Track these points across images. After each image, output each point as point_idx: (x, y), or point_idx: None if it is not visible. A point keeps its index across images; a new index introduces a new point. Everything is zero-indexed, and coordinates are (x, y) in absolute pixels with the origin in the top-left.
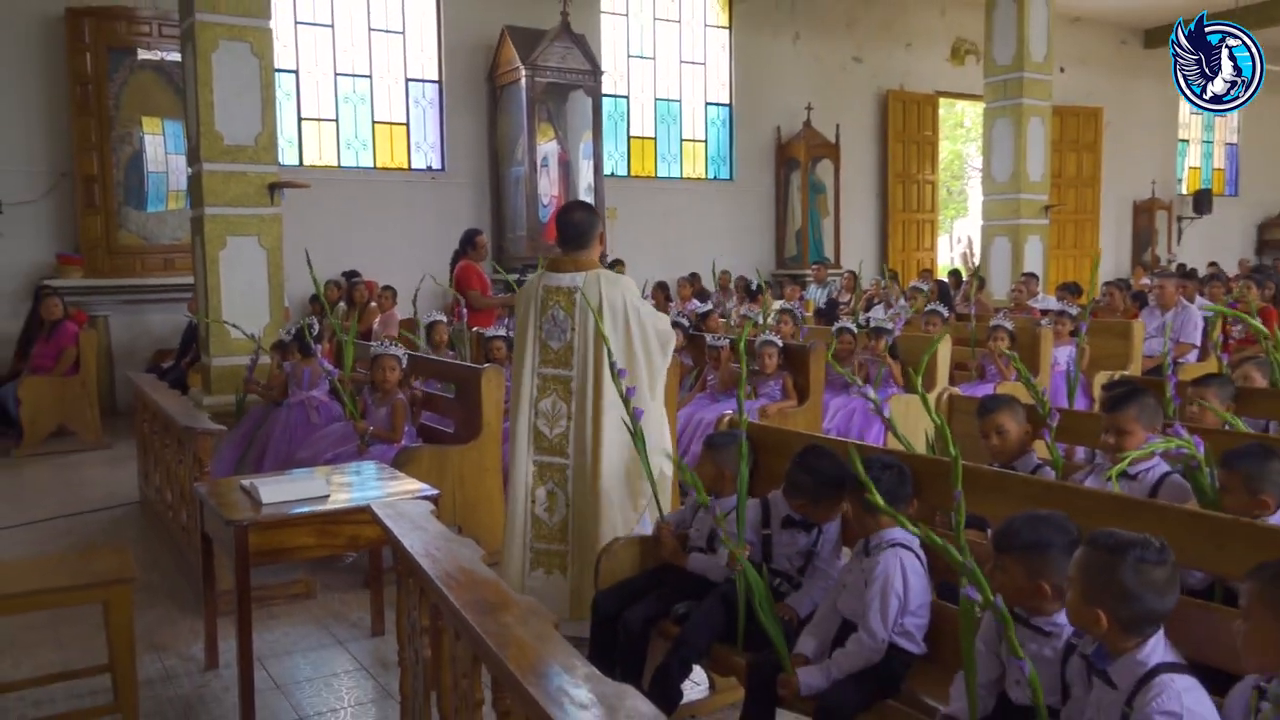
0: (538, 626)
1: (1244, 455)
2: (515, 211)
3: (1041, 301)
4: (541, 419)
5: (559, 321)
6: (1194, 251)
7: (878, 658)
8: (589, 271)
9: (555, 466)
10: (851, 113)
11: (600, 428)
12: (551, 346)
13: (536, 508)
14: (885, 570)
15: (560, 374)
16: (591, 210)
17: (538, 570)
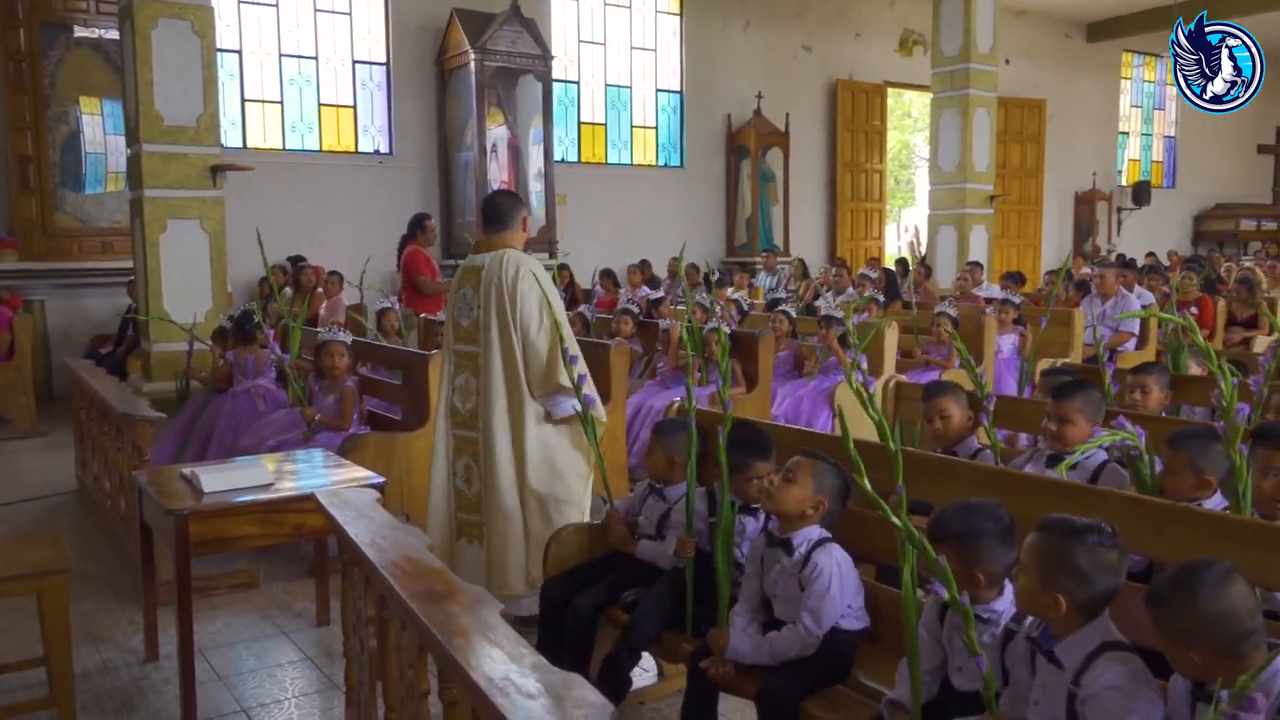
0: (484, 615)
1: (1189, 437)
2: (464, 197)
3: (986, 290)
4: (457, 394)
5: (468, 299)
6: (1133, 242)
7: (812, 651)
8: (499, 251)
9: (469, 440)
10: (801, 101)
11: (490, 405)
12: (462, 324)
13: (457, 480)
14: (821, 573)
15: (470, 350)
16: (514, 195)
17: (462, 540)
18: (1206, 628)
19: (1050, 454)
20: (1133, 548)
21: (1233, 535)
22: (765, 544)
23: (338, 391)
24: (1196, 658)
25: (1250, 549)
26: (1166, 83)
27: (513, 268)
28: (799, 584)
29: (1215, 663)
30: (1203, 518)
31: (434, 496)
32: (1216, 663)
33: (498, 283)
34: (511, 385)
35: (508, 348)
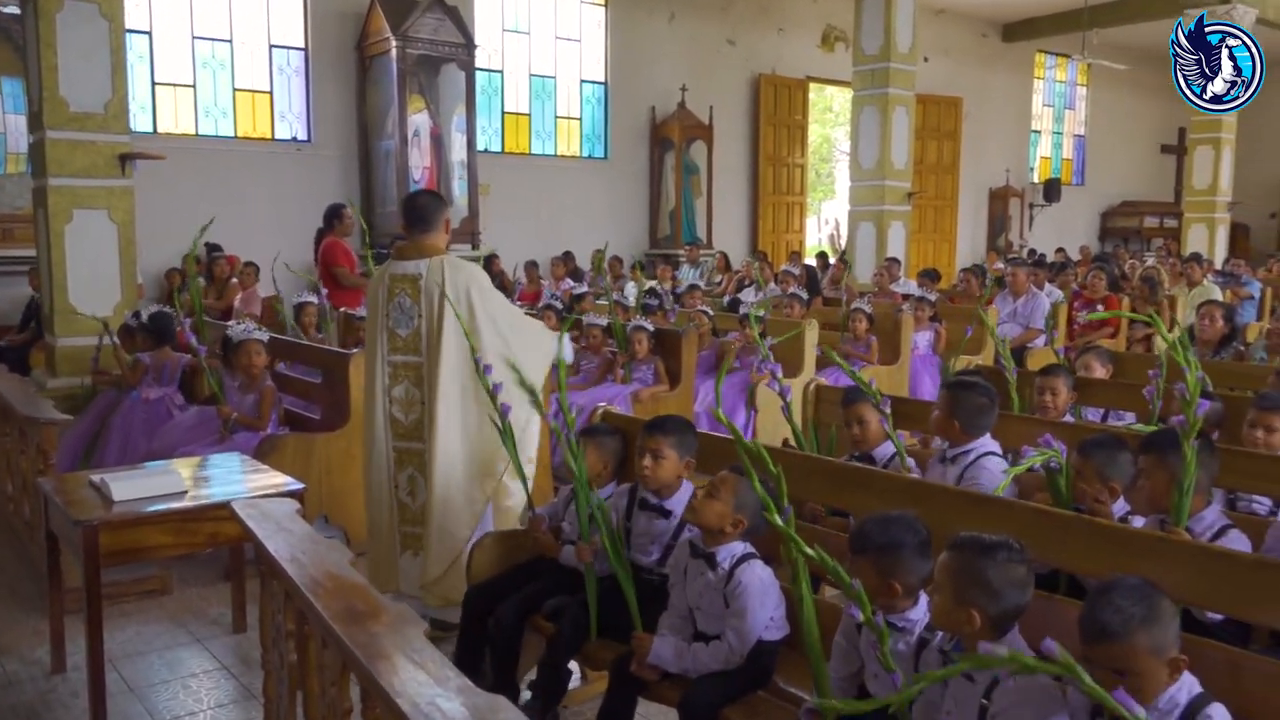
0: (409, 635)
1: (1098, 445)
2: (385, 186)
3: (903, 286)
4: (396, 406)
5: (406, 309)
6: (1044, 237)
7: (735, 666)
8: (434, 258)
9: (414, 451)
10: (725, 95)
11: (434, 414)
12: (399, 334)
13: (400, 493)
14: (745, 590)
15: (411, 360)
16: (437, 195)
17: (407, 552)
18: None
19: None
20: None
21: (1131, 546)
22: (689, 555)
23: (257, 391)
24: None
25: (1148, 559)
26: (1077, 83)
27: (463, 276)
28: (723, 599)
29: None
30: (1104, 529)
31: (375, 512)
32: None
33: (444, 292)
34: (464, 394)
35: (465, 357)
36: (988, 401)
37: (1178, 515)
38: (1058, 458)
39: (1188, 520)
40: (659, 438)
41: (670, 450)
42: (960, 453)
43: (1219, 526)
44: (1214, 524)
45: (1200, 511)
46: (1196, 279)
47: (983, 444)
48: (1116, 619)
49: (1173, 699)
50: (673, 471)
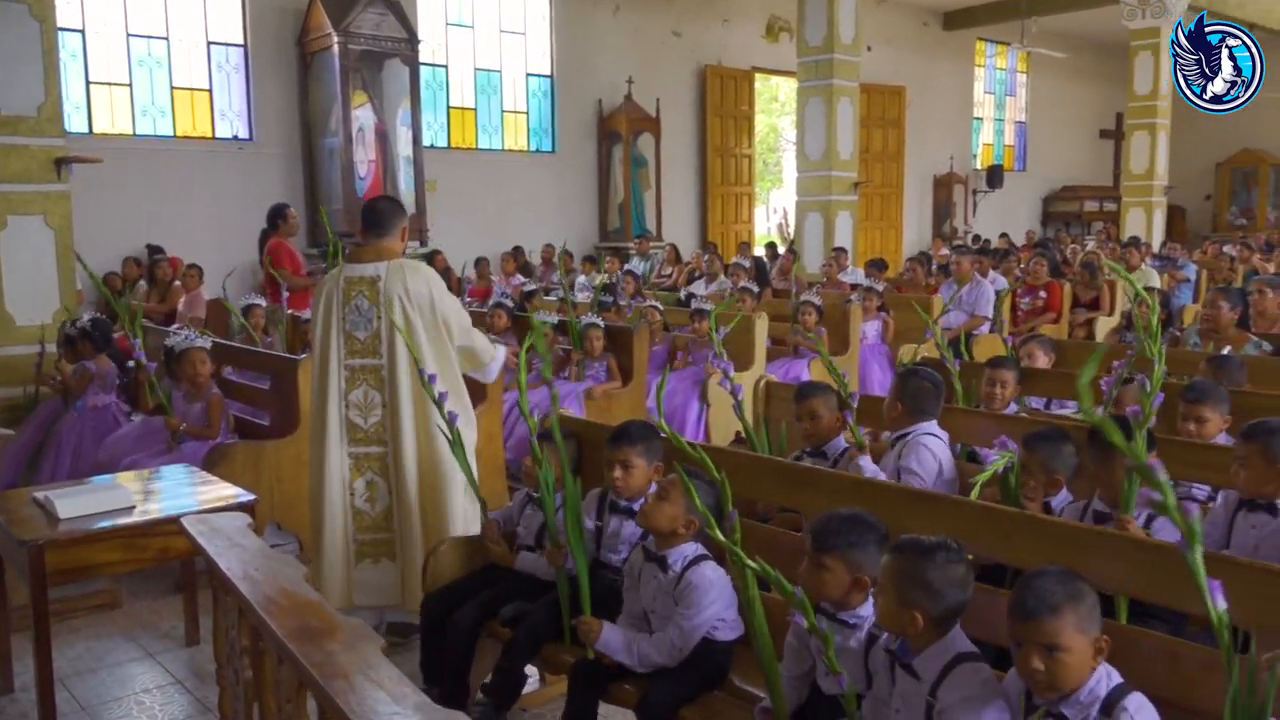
0: (365, 653)
1: (1042, 438)
2: (330, 184)
3: (851, 275)
4: (354, 410)
5: (364, 311)
6: (988, 223)
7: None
8: (393, 260)
9: (373, 456)
10: (671, 86)
11: (399, 416)
12: (358, 337)
13: (356, 500)
14: (694, 590)
15: (370, 363)
16: (396, 202)
17: (364, 561)
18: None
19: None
20: (984, 552)
21: (1072, 540)
22: (643, 559)
23: (203, 399)
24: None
25: (1088, 552)
26: (1018, 70)
27: (422, 279)
28: (674, 600)
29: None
30: (1047, 525)
31: (330, 521)
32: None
33: (403, 295)
34: (419, 397)
35: (425, 357)
36: (932, 386)
37: (1125, 504)
38: (1012, 457)
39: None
40: (626, 448)
41: (638, 459)
42: (902, 434)
43: (1148, 513)
44: (1147, 509)
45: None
46: (1135, 263)
47: (925, 426)
48: (1047, 596)
49: (1093, 691)
50: (643, 478)
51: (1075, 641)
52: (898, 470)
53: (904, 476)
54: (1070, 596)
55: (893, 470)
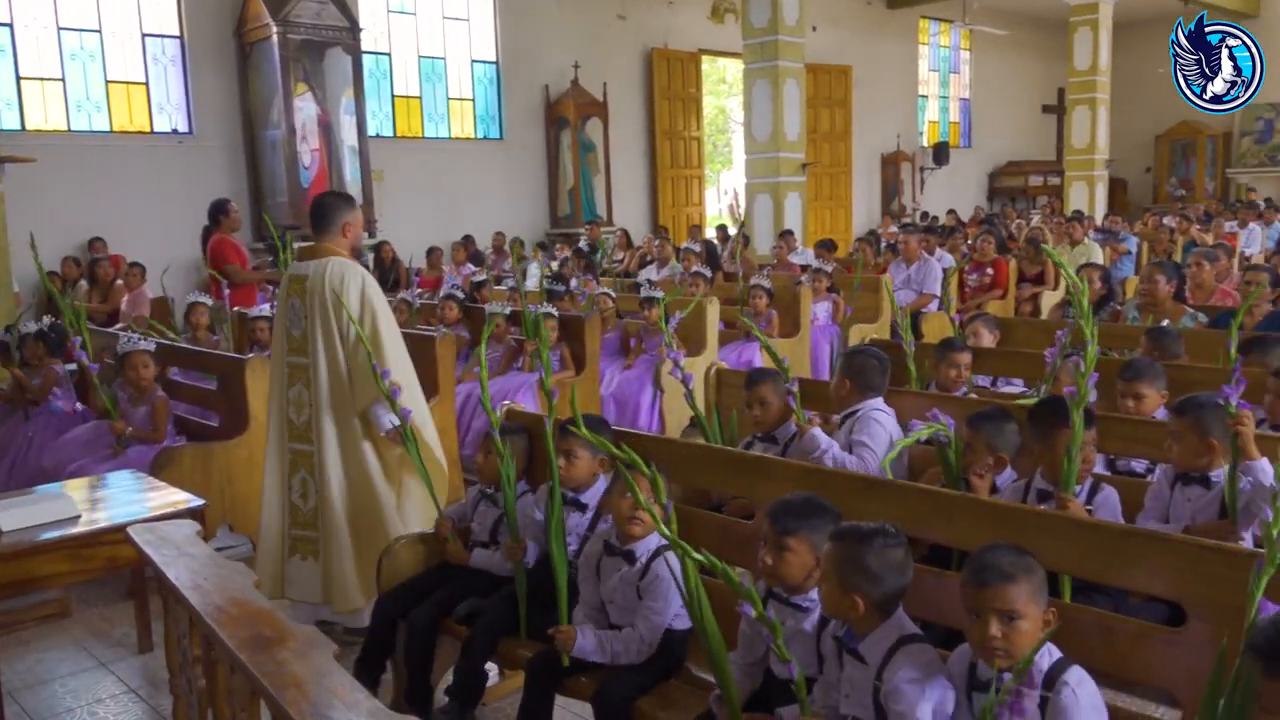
0: (318, 660)
1: (985, 418)
2: (274, 176)
3: (801, 256)
4: (291, 407)
5: (296, 310)
6: (936, 200)
7: (648, 655)
8: (323, 259)
9: (305, 453)
10: (618, 70)
11: (321, 418)
12: (293, 335)
13: (293, 495)
14: (659, 580)
15: (301, 362)
16: (341, 197)
17: (295, 556)
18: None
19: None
20: (927, 534)
21: (1012, 520)
22: (603, 552)
23: (148, 402)
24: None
25: (1029, 531)
26: (960, 47)
27: (337, 278)
28: (637, 592)
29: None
30: (989, 507)
31: (267, 513)
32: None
33: (321, 294)
34: (339, 398)
35: (333, 359)
36: (878, 362)
37: (1065, 482)
38: (945, 431)
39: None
40: (570, 439)
41: (582, 450)
42: (851, 411)
43: (1093, 484)
44: (1089, 482)
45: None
46: (1078, 237)
47: (873, 402)
48: (1004, 565)
49: (1037, 665)
50: (586, 470)
51: (1030, 609)
52: (849, 444)
53: (855, 449)
54: (1024, 568)
55: (844, 444)
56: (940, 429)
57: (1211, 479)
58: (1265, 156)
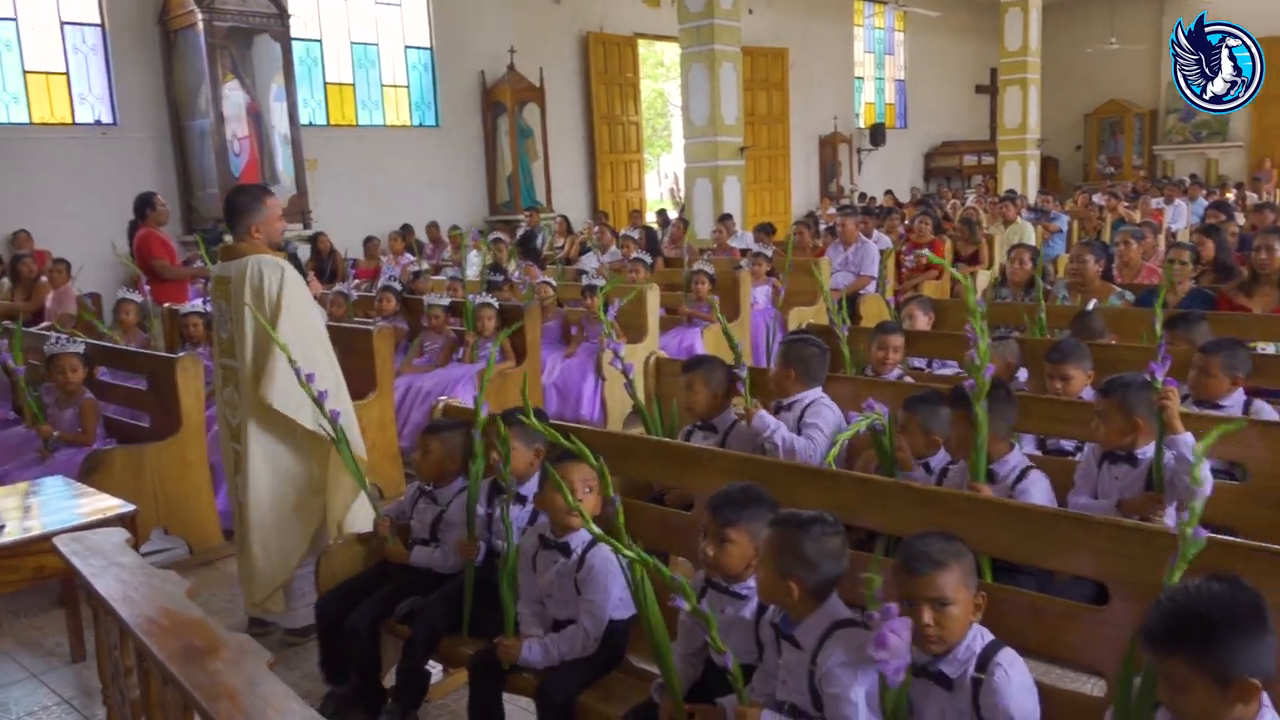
0: (250, 669)
1: (920, 401)
2: (204, 167)
3: (740, 239)
4: (227, 408)
5: (223, 312)
6: (873, 181)
7: (593, 650)
8: (243, 259)
9: (240, 454)
10: (554, 55)
11: (247, 419)
12: (222, 337)
13: (240, 493)
14: (596, 573)
15: (231, 364)
16: (253, 192)
17: (245, 556)
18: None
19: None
20: (863, 520)
21: (945, 506)
22: (539, 545)
23: (76, 404)
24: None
25: (961, 516)
26: (895, 28)
27: (257, 277)
28: (575, 585)
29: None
30: (920, 493)
31: (237, 520)
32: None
33: (242, 295)
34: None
35: (258, 361)
36: (818, 351)
37: (975, 471)
38: (881, 420)
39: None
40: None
41: (517, 443)
42: (794, 401)
43: (1021, 468)
44: (1016, 466)
45: (1004, 456)
46: (1011, 217)
47: (814, 393)
48: (934, 553)
49: (969, 648)
50: (522, 461)
51: (961, 595)
52: (799, 427)
53: (805, 430)
54: (954, 554)
55: (793, 427)
56: (876, 418)
57: (1138, 456)
58: (1190, 133)
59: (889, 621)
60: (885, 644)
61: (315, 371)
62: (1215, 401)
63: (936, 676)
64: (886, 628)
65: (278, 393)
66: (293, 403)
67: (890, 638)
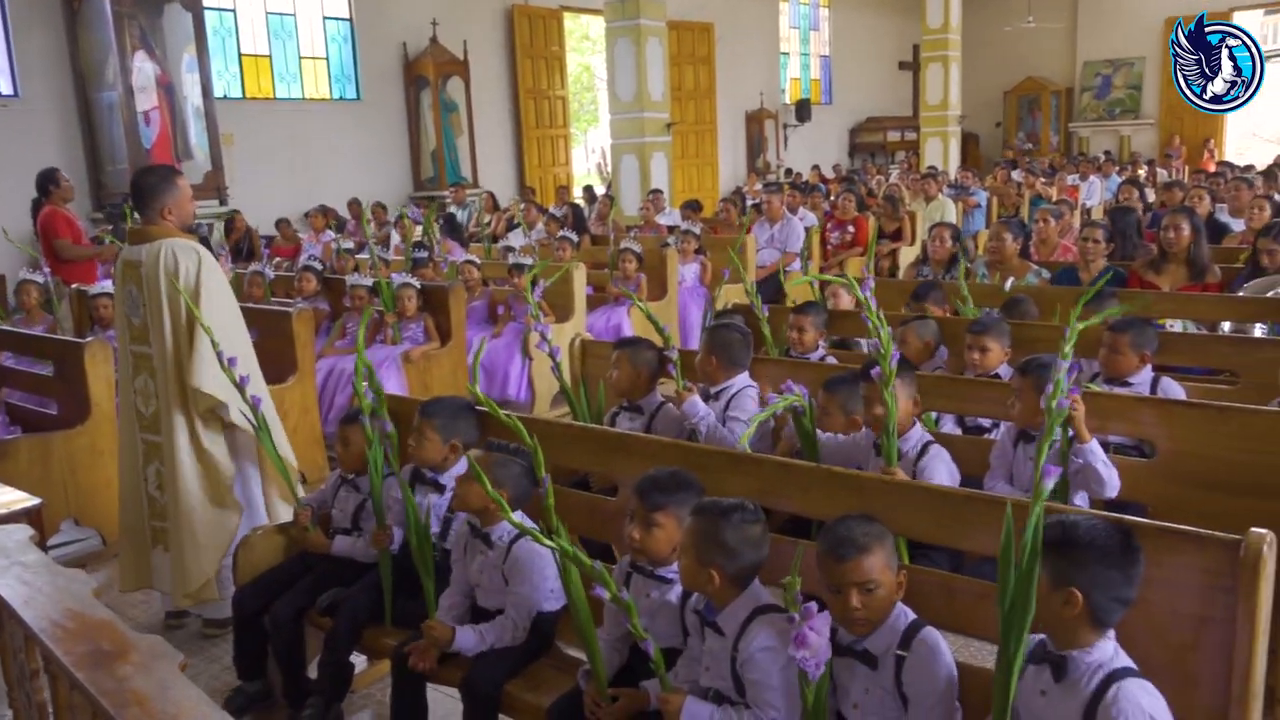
0: (161, 674)
1: (839, 381)
2: (112, 141)
3: (668, 216)
4: (139, 397)
5: (134, 297)
6: (799, 156)
7: (522, 640)
8: (155, 243)
9: (155, 444)
10: (478, 28)
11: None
12: (134, 323)
13: (149, 486)
14: (520, 565)
15: (144, 351)
16: (162, 173)
17: (158, 548)
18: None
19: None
20: (785, 505)
21: (862, 490)
22: (469, 534)
23: None
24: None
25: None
26: (820, 4)
27: (172, 263)
28: (502, 576)
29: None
30: (839, 477)
31: (124, 506)
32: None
33: (157, 281)
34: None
35: (180, 348)
36: (741, 338)
37: (888, 456)
38: (800, 401)
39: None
40: (423, 421)
41: (433, 433)
42: (721, 389)
43: (922, 443)
44: (918, 442)
45: (907, 432)
46: (933, 193)
47: (741, 379)
48: (858, 538)
49: (893, 627)
50: (436, 451)
51: (886, 576)
52: (724, 418)
53: (729, 423)
54: (876, 537)
55: (720, 417)
56: (796, 400)
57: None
58: (1104, 111)
59: (809, 620)
60: (805, 643)
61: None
62: (1124, 379)
63: (861, 655)
64: (807, 626)
65: (209, 378)
66: (222, 387)
67: (810, 636)
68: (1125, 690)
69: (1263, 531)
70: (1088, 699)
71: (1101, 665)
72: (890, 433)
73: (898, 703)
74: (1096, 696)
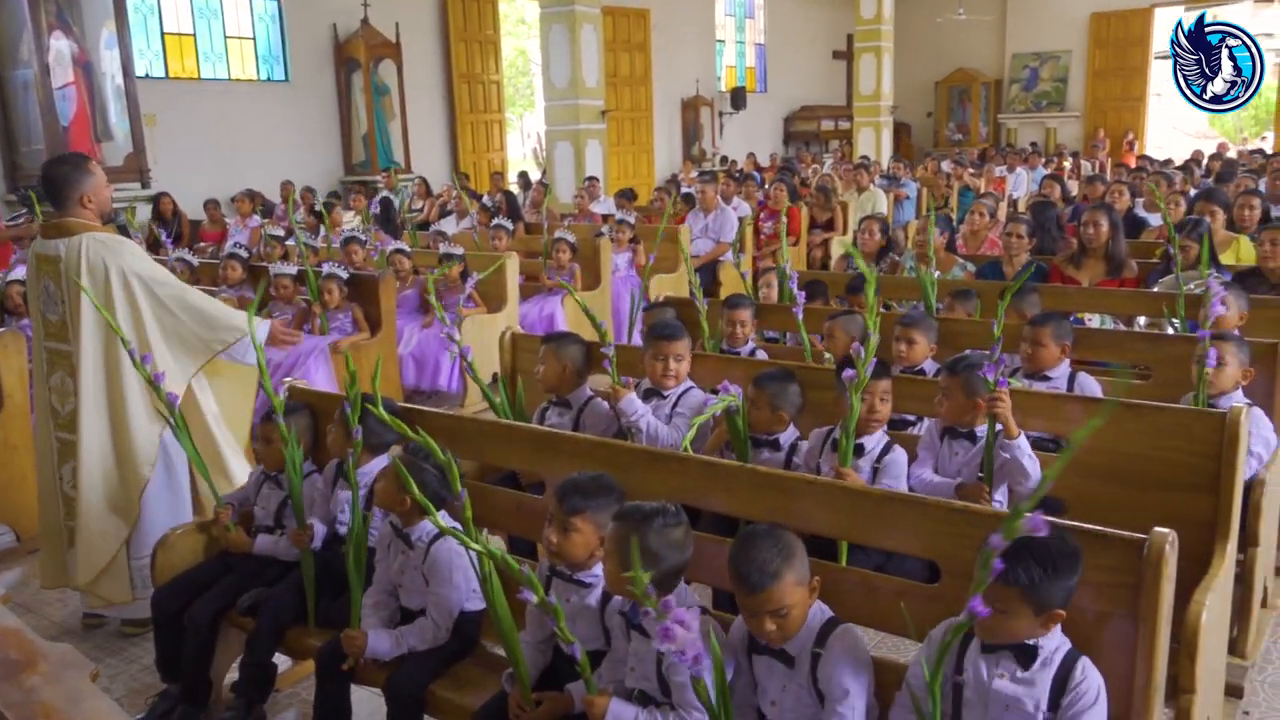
0: (72, 684)
1: (770, 378)
2: (28, 122)
3: (603, 205)
4: (54, 394)
5: (51, 293)
6: (734, 144)
7: (444, 641)
8: (74, 237)
9: (70, 443)
10: (411, 11)
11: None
12: (50, 319)
13: (64, 485)
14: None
15: (62, 348)
16: (75, 161)
17: (73, 547)
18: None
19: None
20: (710, 503)
21: (787, 489)
22: (392, 534)
23: None
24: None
25: (803, 499)
26: None
27: (97, 260)
28: (423, 577)
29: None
30: (763, 476)
31: (43, 504)
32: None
33: (79, 278)
34: (110, 385)
35: (109, 345)
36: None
37: (844, 456)
38: (735, 402)
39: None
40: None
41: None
42: (668, 391)
43: (884, 444)
44: (880, 442)
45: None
46: (865, 184)
47: (685, 382)
48: (766, 565)
49: (809, 627)
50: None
51: (798, 596)
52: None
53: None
54: (785, 557)
55: (667, 415)
56: (732, 400)
57: (977, 434)
58: (1031, 103)
59: (671, 614)
60: (671, 637)
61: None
62: (1044, 373)
63: (778, 654)
64: (670, 620)
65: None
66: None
67: (675, 630)
68: (1086, 666)
69: (1165, 531)
70: (1056, 677)
71: (1058, 646)
72: (849, 434)
73: (814, 699)
74: (1063, 674)
